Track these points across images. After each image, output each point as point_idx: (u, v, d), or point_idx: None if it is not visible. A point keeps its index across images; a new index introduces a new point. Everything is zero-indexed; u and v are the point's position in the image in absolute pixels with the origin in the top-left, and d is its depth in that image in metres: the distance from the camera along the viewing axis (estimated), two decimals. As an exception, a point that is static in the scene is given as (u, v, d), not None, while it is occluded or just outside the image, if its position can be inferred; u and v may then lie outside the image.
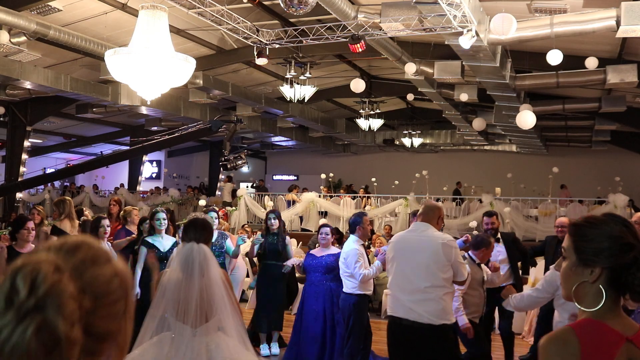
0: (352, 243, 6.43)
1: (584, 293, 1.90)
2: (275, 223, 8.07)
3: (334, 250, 7.11)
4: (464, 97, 14.11)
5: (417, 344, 4.89)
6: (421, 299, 4.83)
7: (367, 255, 6.76)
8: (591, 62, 10.52)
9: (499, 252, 7.38)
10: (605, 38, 10.09)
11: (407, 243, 5.06)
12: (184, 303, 4.01)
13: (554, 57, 9.62)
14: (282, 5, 8.87)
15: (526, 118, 11.62)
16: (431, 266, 4.84)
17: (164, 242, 7.10)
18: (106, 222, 6.88)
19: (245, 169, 28.91)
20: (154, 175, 29.75)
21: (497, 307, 7.11)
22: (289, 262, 7.85)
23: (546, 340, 1.84)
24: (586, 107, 15.20)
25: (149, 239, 7.09)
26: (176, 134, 13.44)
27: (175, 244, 7.21)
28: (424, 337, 4.83)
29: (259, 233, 9.02)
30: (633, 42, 10.66)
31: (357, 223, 6.52)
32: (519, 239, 8.39)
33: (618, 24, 8.22)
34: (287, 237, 8.27)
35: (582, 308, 1.91)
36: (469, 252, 6.24)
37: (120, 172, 26.10)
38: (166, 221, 7.22)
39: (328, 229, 7.24)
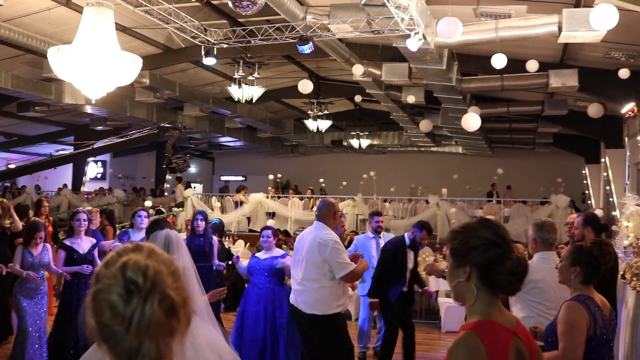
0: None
1: (463, 292, 2.13)
2: (201, 224, 7.97)
3: (277, 252, 7.07)
4: (411, 99, 14.27)
5: (299, 328, 5.65)
6: (299, 289, 5.47)
7: None
8: (532, 65, 10.74)
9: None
10: (548, 43, 10.32)
11: (300, 240, 5.63)
12: None
13: (499, 61, 9.79)
14: (230, 4, 8.82)
15: (470, 120, 11.80)
16: (307, 262, 5.37)
17: (83, 244, 7.00)
18: (41, 233, 6.72)
19: (193, 170, 28.71)
20: (98, 176, 29.17)
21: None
22: (217, 262, 7.84)
23: (456, 347, 2.01)
24: (530, 110, 15.53)
25: (67, 242, 6.99)
26: (123, 139, 13.22)
27: (95, 245, 7.11)
28: (299, 322, 5.54)
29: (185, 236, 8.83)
30: (574, 48, 10.94)
31: None
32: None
33: (560, 29, 8.42)
34: (215, 238, 8.17)
35: (466, 307, 2.14)
36: None
37: (63, 173, 25.52)
38: (86, 222, 7.09)
39: (270, 231, 7.15)
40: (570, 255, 3.52)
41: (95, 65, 7.33)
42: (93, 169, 28.32)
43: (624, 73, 10.35)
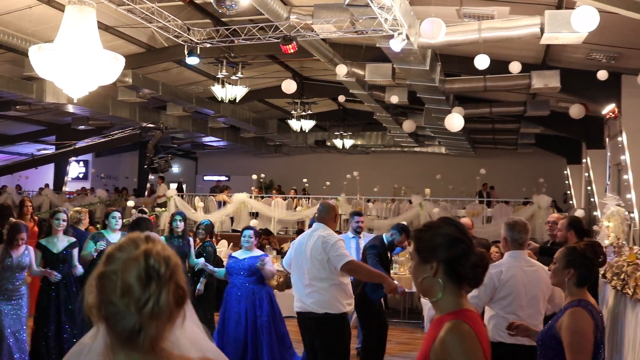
0: None
1: (430, 287, 2.27)
2: (181, 225, 7.92)
3: (257, 252, 7.06)
4: (394, 99, 14.30)
5: (309, 331, 5.55)
6: (308, 291, 5.45)
7: None
8: (515, 67, 10.80)
9: None
10: (530, 44, 10.38)
11: (301, 242, 5.62)
12: None
13: (482, 62, 9.83)
14: (213, 4, 8.79)
15: (454, 121, 11.83)
16: (314, 261, 5.39)
17: (59, 243, 7.01)
18: (23, 234, 6.68)
19: (175, 170, 28.57)
20: (80, 176, 28.90)
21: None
22: (199, 286, 7.77)
23: (450, 336, 2.13)
24: (512, 110, 15.61)
25: (43, 241, 7.00)
26: (105, 139, 13.12)
27: (72, 244, 7.09)
28: (311, 324, 5.47)
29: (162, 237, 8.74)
30: (556, 49, 11.02)
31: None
32: None
33: (542, 31, 8.47)
34: (191, 239, 8.15)
35: (433, 301, 2.29)
36: None
37: (45, 172, 25.29)
38: (65, 222, 7.09)
39: (252, 231, 7.14)
40: (564, 257, 3.47)
41: (77, 64, 7.27)
42: (75, 168, 28.06)
43: (602, 74, 10.43)
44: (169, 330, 1.56)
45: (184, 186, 26.82)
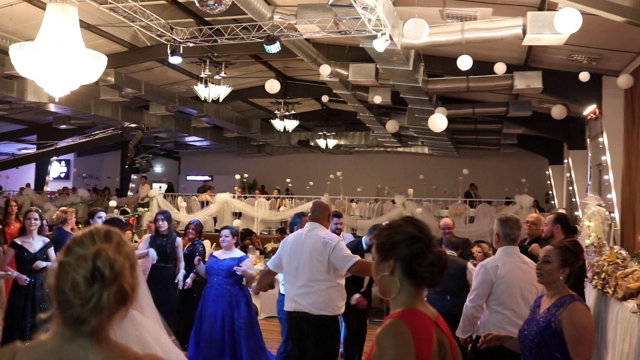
0: None
1: (387, 285, 2.30)
2: (164, 225, 7.92)
3: (237, 253, 7.04)
4: (377, 99, 14.32)
5: (303, 332, 5.43)
6: (304, 292, 5.35)
7: None
8: (500, 68, 10.86)
9: None
10: (513, 45, 10.43)
11: (297, 242, 5.49)
12: None
13: (464, 62, 9.87)
14: (196, 3, 8.76)
15: (437, 121, 11.87)
16: (313, 262, 5.31)
17: (34, 243, 7.01)
18: None
19: (158, 170, 28.41)
20: (62, 175, 28.69)
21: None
22: (188, 280, 7.88)
23: (383, 333, 2.16)
24: (495, 111, 15.67)
25: (18, 240, 6.97)
26: (86, 140, 13.01)
27: (47, 245, 7.07)
28: (304, 325, 5.38)
29: (148, 235, 8.74)
30: (538, 50, 11.09)
31: (296, 224, 6.67)
32: None
33: (524, 32, 8.52)
34: (178, 239, 8.13)
35: (390, 299, 2.31)
36: None
37: (26, 172, 25.06)
38: (38, 221, 7.09)
39: (228, 230, 7.12)
40: (560, 257, 3.48)
41: (58, 63, 7.20)
42: (56, 168, 27.83)
43: (584, 76, 10.52)
44: (113, 322, 1.72)
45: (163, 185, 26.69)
